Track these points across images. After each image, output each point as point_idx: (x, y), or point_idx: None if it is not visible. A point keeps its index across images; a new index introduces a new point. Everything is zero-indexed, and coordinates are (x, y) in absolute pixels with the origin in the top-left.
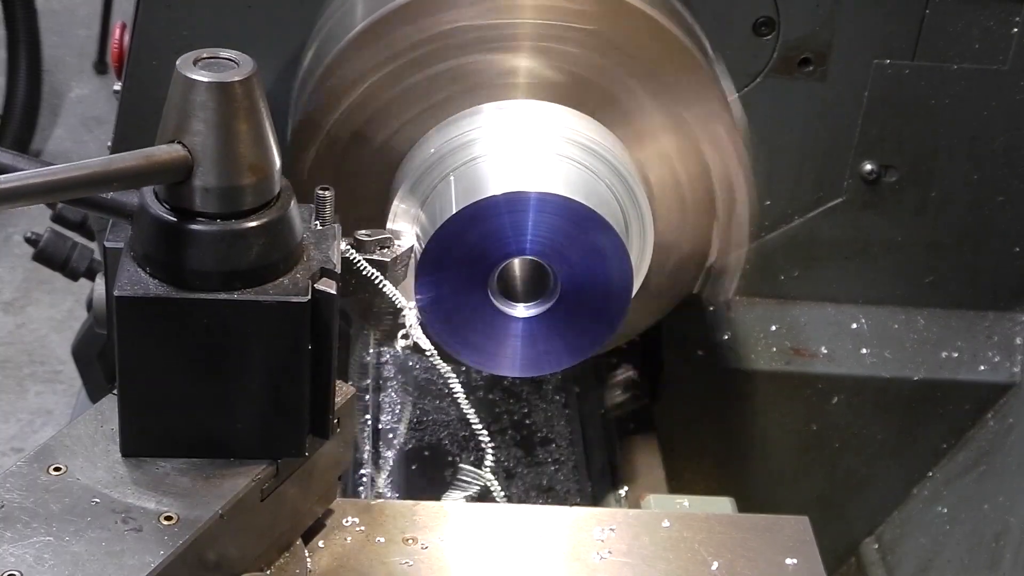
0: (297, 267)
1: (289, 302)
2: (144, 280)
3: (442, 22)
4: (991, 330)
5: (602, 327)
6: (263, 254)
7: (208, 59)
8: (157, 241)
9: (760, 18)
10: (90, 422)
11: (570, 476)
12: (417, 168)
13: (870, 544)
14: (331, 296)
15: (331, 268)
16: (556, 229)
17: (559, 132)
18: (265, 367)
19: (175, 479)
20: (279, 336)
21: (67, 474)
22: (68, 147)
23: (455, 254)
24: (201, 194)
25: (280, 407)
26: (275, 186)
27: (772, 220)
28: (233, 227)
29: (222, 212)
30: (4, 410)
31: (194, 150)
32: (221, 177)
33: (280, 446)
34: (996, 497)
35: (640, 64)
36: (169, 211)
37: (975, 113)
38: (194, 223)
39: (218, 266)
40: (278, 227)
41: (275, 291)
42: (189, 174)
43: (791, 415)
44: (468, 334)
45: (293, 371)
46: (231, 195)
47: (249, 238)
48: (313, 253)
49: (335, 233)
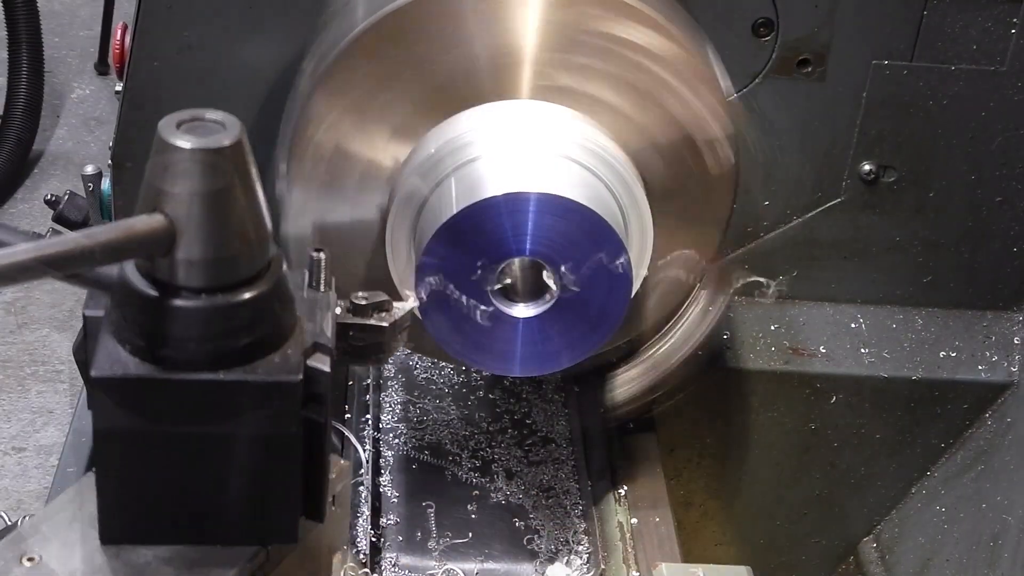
0: (288, 342)
1: (280, 382)
2: (124, 359)
3: (442, 24)
4: (989, 330)
5: (602, 327)
6: (252, 330)
7: (191, 121)
8: (137, 316)
9: (759, 19)
10: (67, 505)
11: (570, 476)
12: (417, 168)
13: (869, 543)
14: (325, 373)
15: (325, 342)
16: (556, 229)
17: (559, 132)
18: (254, 449)
19: (158, 568)
20: (269, 417)
21: (41, 565)
22: (69, 148)
23: (455, 254)
24: (184, 267)
25: (270, 491)
26: (265, 256)
27: (771, 220)
28: (219, 302)
29: (207, 286)
30: (5, 409)
31: (177, 220)
32: (206, 249)
33: (270, 531)
34: (994, 496)
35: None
36: (150, 284)
37: (973, 114)
38: (177, 298)
39: (203, 344)
40: (268, 301)
41: (265, 370)
42: (172, 246)
43: (790, 414)
44: (468, 334)
45: (284, 453)
46: (217, 268)
47: (237, 313)
48: (305, 325)
49: (329, 302)
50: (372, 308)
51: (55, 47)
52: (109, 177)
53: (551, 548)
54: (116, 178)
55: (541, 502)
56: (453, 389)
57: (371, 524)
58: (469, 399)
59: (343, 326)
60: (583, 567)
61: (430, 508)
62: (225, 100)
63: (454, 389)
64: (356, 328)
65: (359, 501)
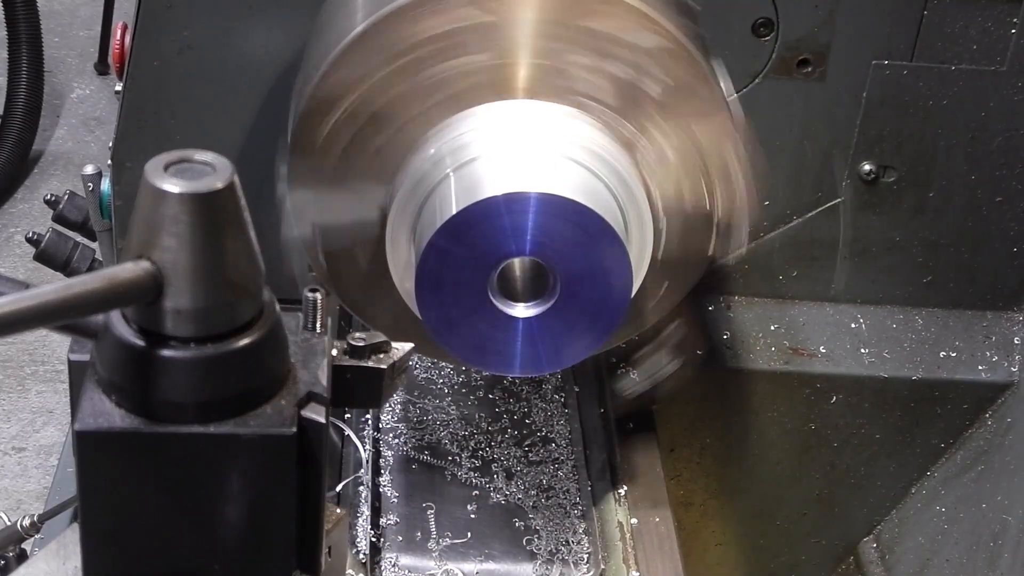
0: (282, 392)
1: (273, 435)
2: (109, 410)
3: (442, 23)
4: (989, 330)
5: (602, 327)
6: (244, 381)
7: (180, 163)
8: (123, 367)
9: (759, 19)
10: (51, 559)
11: (570, 475)
12: (417, 168)
13: (869, 543)
14: (320, 424)
15: (320, 391)
16: (556, 229)
17: (559, 132)
18: (246, 503)
19: None
20: (262, 471)
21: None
22: (70, 148)
23: (455, 254)
24: (172, 316)
25: (263, 545)
26: (258, 302)
27: (771, 220)
28: (209, 352)
29: (197, 335)
30: (5, 409)
31: (164, 267)
32: (195, 297)
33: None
34: (994, 496)
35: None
36: (137, 333)
37: (973, 113)
38: (165, 348)
39: (192, 396)
40: (261, 349)
41: (257, 423)
42: (159, 294)
43: (790, 415)
44: (468, 334)
45: (277, 507)
46: (207, 317)
47: (228, 364)
48: (300, 373)
49: (325, 346)
50: (370, 350)
51: (55, 47)
52: (109, 177)
53: (551, 548)
54: (116, 178)
55: (541, 502)
56: (453, 389)
57: (371, 524)
58: (469, 399)
59: (339, 368)
60: (583, 567)
61: (430, 508)
62: (225, 100)
63: (454, 389)
64: (353, 370)
65: (359, 501)
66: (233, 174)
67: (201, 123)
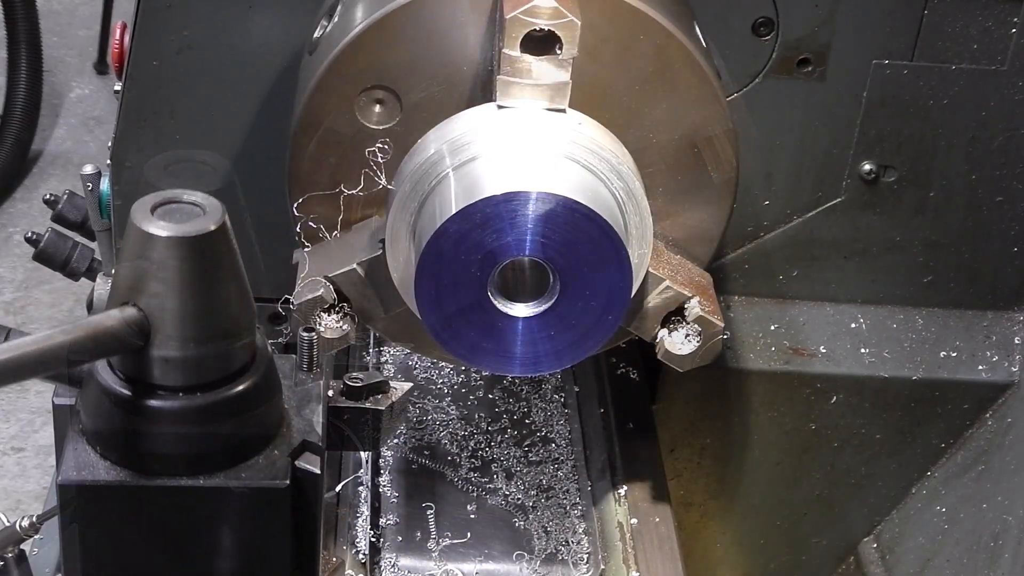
0: (275, 441)
1: (265, 488)
2: (93, 462)
3: (439, 24)
4: (989, 330)
5: (602, 327)
6: (235, 431)
7: (168, 204)
8: (109, 417)
9: (759, 18)
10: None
11: (569, 475)
12: (417, 168)
13: (869, 543)
14: (315, 475)
15: (315, 440)
16: (556, 229)
17: (559, 132)
18: (239, 555)
19: None
20: (255, 524)
21: None
22: (69, 147)
23: (455, 254)
24: (160, 365)
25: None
26: (250, 347)
27: (771, 220)
28: (199, 402)
29: (186, 384)
30: (5, 409)
31: (151, 314)
32: (184, 345)
33: None
34: (994, 496)
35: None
36: (123, 382)
37: (973, 113)
38: (152, 398)
39: (181, 448)
40: (253, 398)
41: (249, 475)
42: (146, 342)
43: (790, 414)
44: (468, 334)
45: (272, 558)
46: (196, 365)
47: (218, 414)
48: (294, 420)
49: (320, 390)
50: (367, 390)
51: (54, 46)
52: (108, 177)
53: (551, 549)
54: (115, 178)
55: (541, 502)
56: (453, 389)
57: (370, 524)
58: (469, 399)
59: (336, 410)
60: (583, 567)
61: (429, 509)
62: (224, 99)
63: (454, 389)
64: (350, 412)
65: (359, 501)
66: (224, 215)
67: (200, 122)
